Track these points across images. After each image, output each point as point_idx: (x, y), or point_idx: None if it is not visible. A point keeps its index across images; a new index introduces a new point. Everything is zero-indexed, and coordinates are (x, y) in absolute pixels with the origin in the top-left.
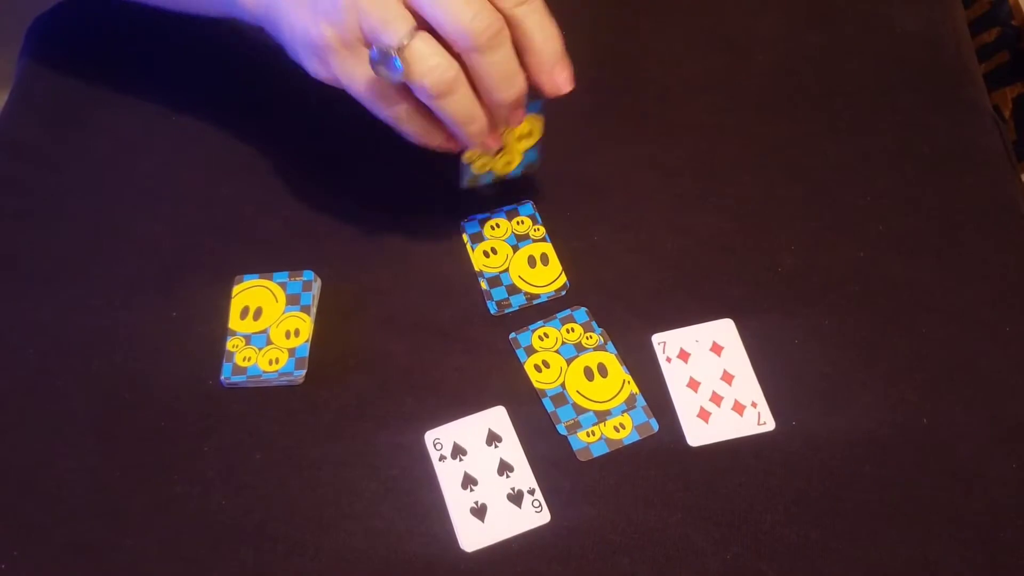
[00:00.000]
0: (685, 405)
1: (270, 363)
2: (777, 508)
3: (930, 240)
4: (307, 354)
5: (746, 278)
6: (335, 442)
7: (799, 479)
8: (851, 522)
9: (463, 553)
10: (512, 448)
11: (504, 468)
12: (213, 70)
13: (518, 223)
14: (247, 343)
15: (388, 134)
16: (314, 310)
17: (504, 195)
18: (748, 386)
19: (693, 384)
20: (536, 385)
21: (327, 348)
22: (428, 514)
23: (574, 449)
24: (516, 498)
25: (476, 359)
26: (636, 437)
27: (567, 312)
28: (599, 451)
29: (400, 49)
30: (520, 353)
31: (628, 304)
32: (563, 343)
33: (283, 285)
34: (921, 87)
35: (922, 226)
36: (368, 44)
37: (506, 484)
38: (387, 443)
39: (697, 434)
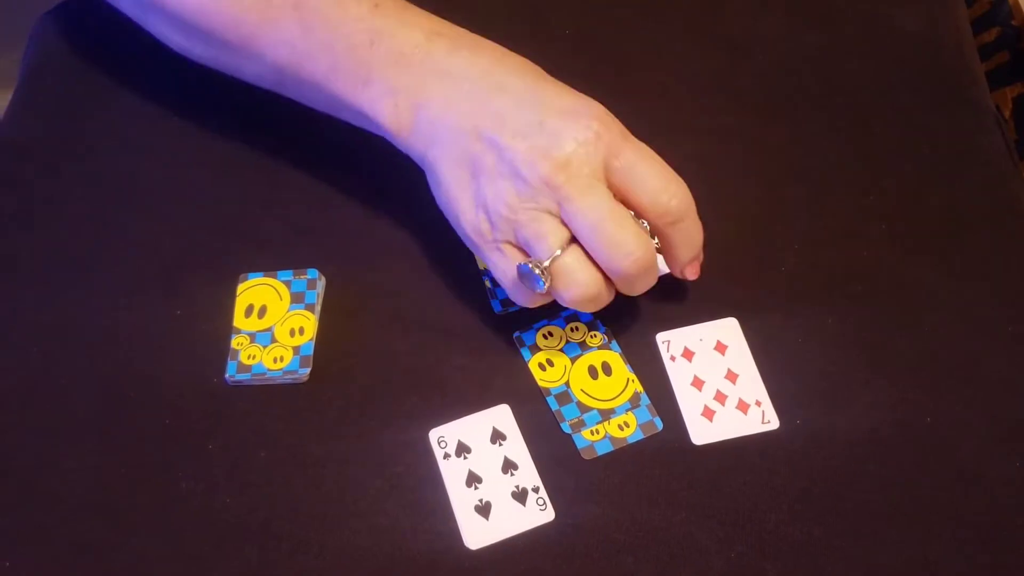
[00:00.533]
0: (689, 404)
1: (275, 361)
2: (781, 507)
3: (932, 239)
4: (312, 352)
5: (749, 277)
6: (339, 440)
7: (802, 478)
8: (854, 521)
9: (467, 551)
10: (516, 446)
11: (508, 466)
12: (216, 70)
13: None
14: (251, 341)
15: None
16: (319, 308)
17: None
18: (752, 385)
19: (697, 383)
20: (540, 383)
21: (332, 346)
22: (432, 512)
23: (578, 447)
24: (520, 496)
25: (480, 357)
26: (640, 436)
27: (571, 311)
28: (603, 449)
29: (548, 265)
30: (524, 352)
31: (632, 303)
32: (567, 342)
33: (287, 283)
34: (922, 87)
35: (924, 225)
36: (519, 247)
37: (510, 482)
38: (391, 441)
39: (701, 433)
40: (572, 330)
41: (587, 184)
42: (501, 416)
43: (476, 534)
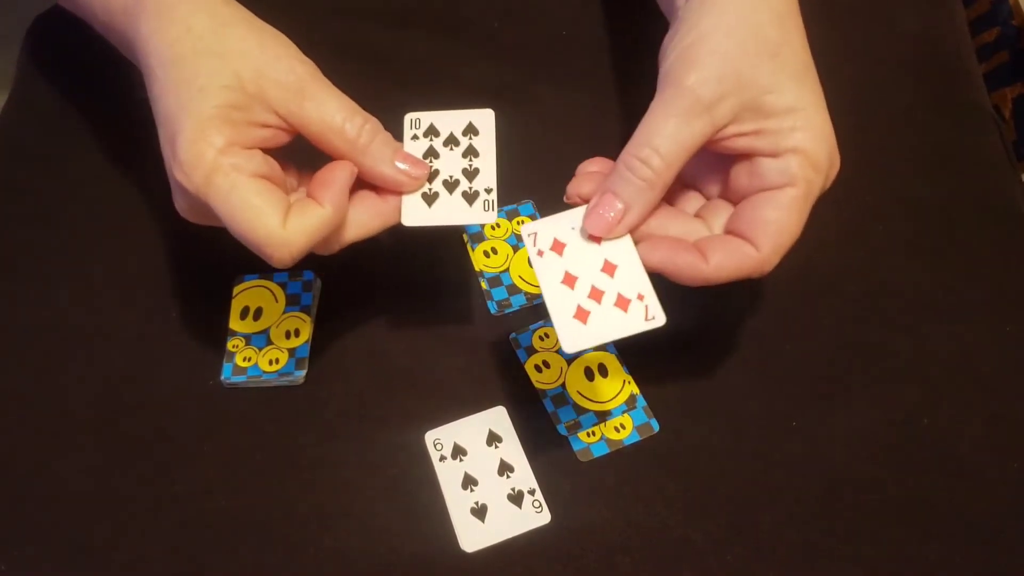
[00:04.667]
0: (560, 305)
1: (270, 363)
2: (777, 508)
3: (930, 240)
4: (307, 354)
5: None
6: (335, 442)
7: (799, 479)
8: (851, 522)
9: (463, 553)
10: (512, 448)
11: (504, 468)
12: None
13: (518, 223)
14: (247, 343)
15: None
16: (314, 310)
17: (504, 195)
18: (633, 277)
19: (569, 280)
20: (536, 385)
21: (327, 348)
22: (428, 514)
23: (574, 449)
24: (516, 498)
25: (476, 359)
26: (636, 438)
27: None
28: (599, 451)
29: None
30: (520, 353)
31: None
32: None
33: (283, 285)
34: (920, 88)
35: (922, 226)
36: None
37: (506, 484)
38: (387, 443)
39: (575, 339)
40: None
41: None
42: (497, 418)
43: (472, 537)
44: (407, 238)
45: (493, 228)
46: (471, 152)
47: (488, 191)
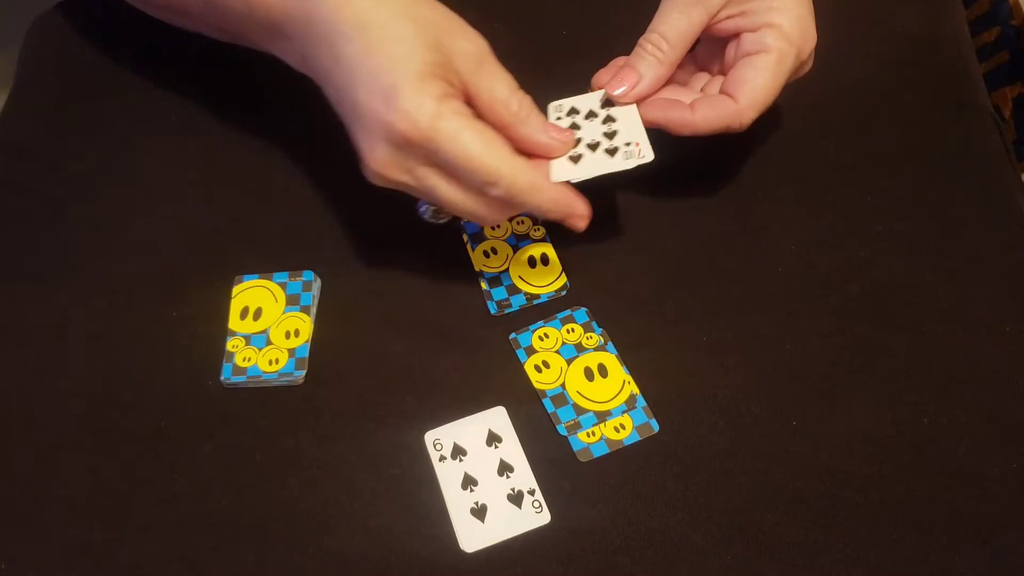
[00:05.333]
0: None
1: (270, 363)
2: (777, 508)
3: (930, 240)
4: (307, 354)
5: (746, 278)
6: (335, 442)
7: (799, 479)
8: (851, 522)
9: (463, 553)
10: (512, 448)
11: (504, 468)
12: (213, 70)
13: (518, 223)
14: (247, 343)
15: None
16: (314, 310)
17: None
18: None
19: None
20: (536, 385)
21: (327, 348)
22: (428, 514)
23: (574, 449)
24: (516, 498)
25: (476, 359)
26: (636, 437)
27: (567, 312)
28: (599, 451)
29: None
30: (520, 353)
31: (628, 304)
32: (563, 343)
33: (283, 285)
34: (921, 87)
35: (922, 226)
36: None
37: (506, 484)
38: (387, 443)
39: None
40: (568, 332)
41: (420, 175)
42: (497, 418)
43: (472, 537)
44: (407, 237)
45: (493, 228)
46: (609, 120)
47: (628, 144)
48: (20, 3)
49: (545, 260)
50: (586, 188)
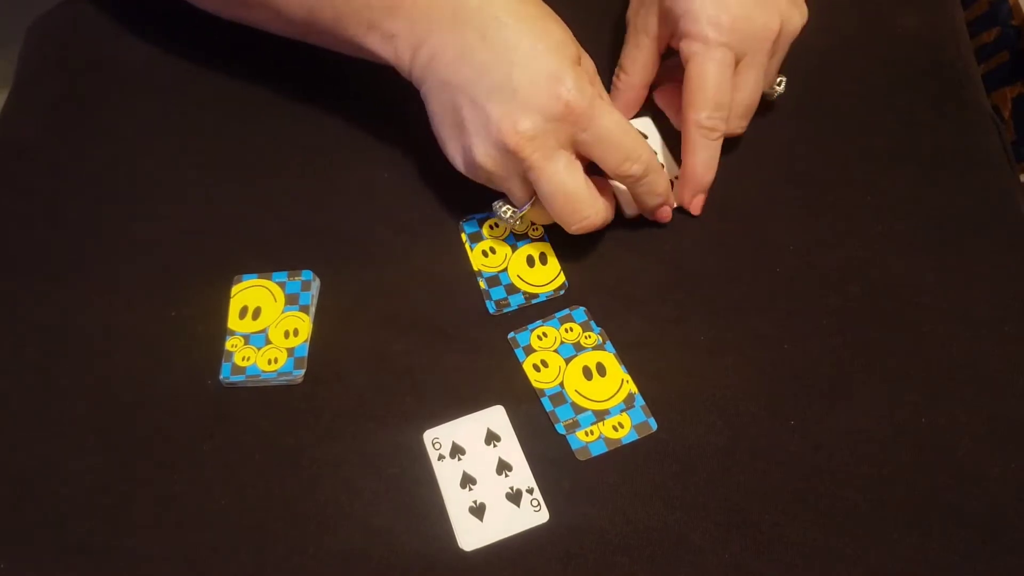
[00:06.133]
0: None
1: (269, 363)
2: (776, 508)
3: (930, 240)
4: (306, 354)
5: (746, 278)
6: (334, 442)
7: (798, 479)
8: (850, 522)
9: (462, 552)
10: (511, 447)
11: (503, 467)
12: (213, 70)
13: (517, 222)
14: (246, 343)
15: (388, 135)
16: (313, 310)
17: (502, 195)
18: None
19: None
20: (535, 384)
21: (326, 348)
22: (427, 513)
23: (573, 448)
24: (515, 497)
25: (475, 359)
26: (635, 436)
27: (566, 312)
28: (598, 450)
29: (511, 216)
30: (519, 352)
31: (627, 304)
32: (562, 343)
33: (282, 285)
34: (921, 87)
35: (922, 226)
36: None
37: (505, 483)
38: (386, 442)
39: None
40: (566, 331)
41: (550, 155)
42: (495, 417)
43: (471, 536)
44: (406, 237)
45: (492, 228)
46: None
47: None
48: (20, 3)
49: (544, 259)
50: None
